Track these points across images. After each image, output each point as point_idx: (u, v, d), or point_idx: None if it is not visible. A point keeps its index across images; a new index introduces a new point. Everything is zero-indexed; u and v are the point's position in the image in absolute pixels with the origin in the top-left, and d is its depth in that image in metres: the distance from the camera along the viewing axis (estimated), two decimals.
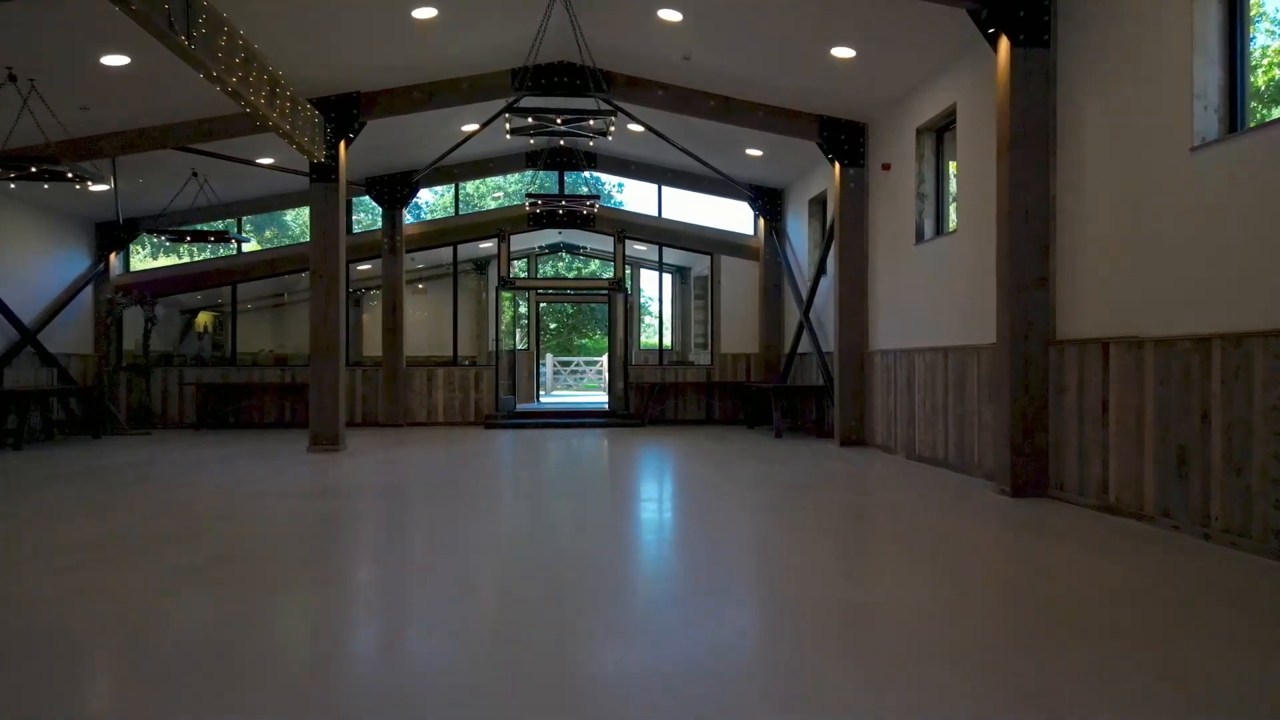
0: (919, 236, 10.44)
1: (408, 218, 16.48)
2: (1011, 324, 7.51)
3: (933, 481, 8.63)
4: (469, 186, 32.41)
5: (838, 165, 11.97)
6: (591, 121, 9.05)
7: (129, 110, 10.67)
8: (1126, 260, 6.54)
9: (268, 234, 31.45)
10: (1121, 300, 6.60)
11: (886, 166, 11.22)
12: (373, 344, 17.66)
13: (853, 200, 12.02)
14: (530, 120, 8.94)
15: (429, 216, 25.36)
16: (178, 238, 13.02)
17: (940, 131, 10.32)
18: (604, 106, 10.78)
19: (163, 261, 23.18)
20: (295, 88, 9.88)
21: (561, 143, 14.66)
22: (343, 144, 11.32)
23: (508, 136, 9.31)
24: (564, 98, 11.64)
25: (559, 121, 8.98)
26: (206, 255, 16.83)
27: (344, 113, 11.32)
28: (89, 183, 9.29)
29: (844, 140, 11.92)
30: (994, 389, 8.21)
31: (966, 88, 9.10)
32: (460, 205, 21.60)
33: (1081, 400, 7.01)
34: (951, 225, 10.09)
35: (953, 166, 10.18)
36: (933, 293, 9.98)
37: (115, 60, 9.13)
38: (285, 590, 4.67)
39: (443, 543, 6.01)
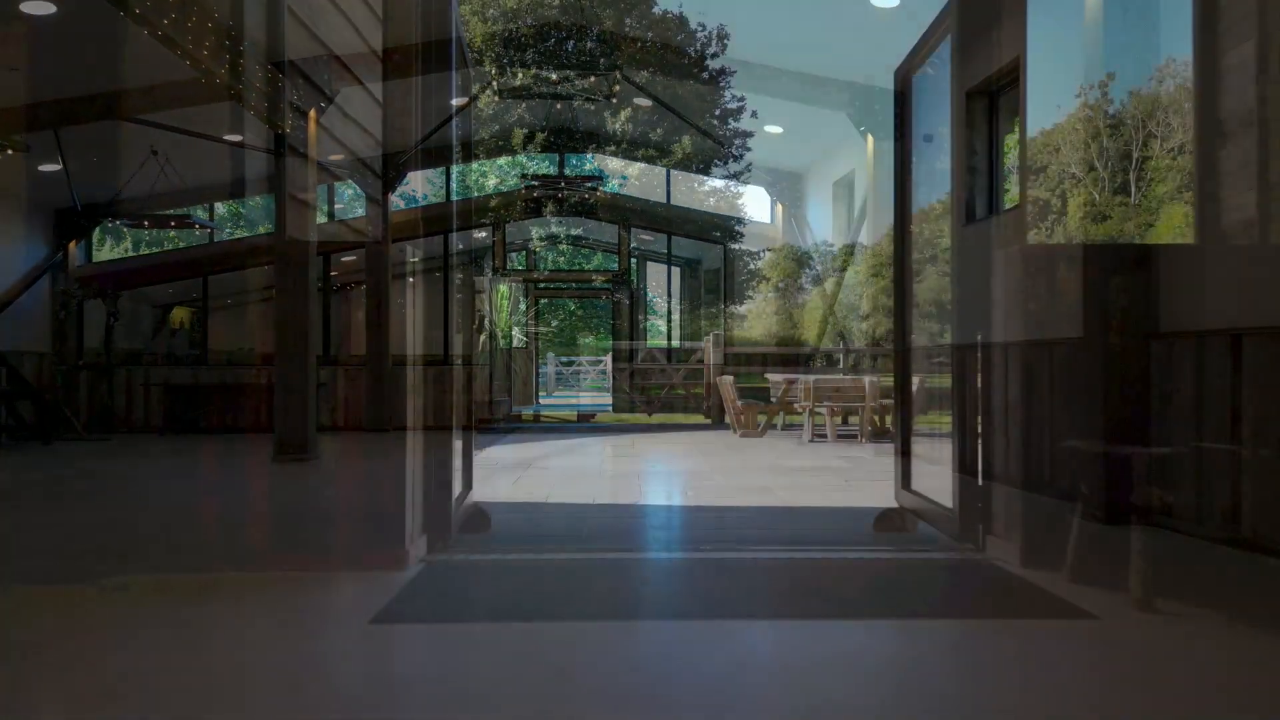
0: (969, 216, 9.08)
1: (398, 204, 15.21)
2: (1101, 314, 6.19)
3: (999, 500, 7.29)
4: (469, 179, 31.12)
5: (870, 138, 10.67)
6: (593, 78, 7.75)
7: (66, 71, 9.39)
8: (1268, 226, 5.20)
9: (261, 229, 30.16)
10: (1259, 281, 5.25)
11: (928, 138, 9.89)
12: (358, 342, 16.38)
13: (888, 178, 10.69)
14: (521, 78, 7.65)
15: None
16: (134, 223, 11.74)
17: (994, 94, 8.97)
18: (607, 74, 9.48)
19: (144, 253, 21.94)
20: (252, 43, 8.59)
21: (558, 106, 13.37)
22: (313, 113, 10.02)
23: (496, 98, 8.03)
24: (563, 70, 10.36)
25: (554, 79, 7.68)
26: (196, 244, 15.53)
27: (313, 78, 10.01)
28: (9, 151, 8.01)
29: (878, 110, 10.60)
30: (1074, 392, 6.88)
31: (1036, 38, 7.76)
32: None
33: (1199, 406, 5.67)
34: (1010, 201, 8.76)
35: (1011, 134, 8.85)
36: (988, 280, 8.64)
37: (39, 8, 7.86)
38: None
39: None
